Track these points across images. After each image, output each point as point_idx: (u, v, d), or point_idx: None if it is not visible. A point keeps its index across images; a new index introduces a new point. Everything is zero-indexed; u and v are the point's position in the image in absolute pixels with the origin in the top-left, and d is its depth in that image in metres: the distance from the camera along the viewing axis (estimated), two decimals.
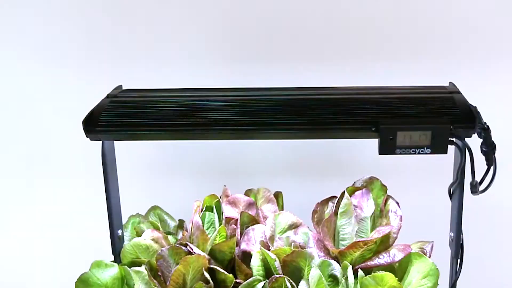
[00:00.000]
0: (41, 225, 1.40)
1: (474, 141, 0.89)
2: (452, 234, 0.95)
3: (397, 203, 1.03)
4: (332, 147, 1.31)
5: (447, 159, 0.97)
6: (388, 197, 1.04)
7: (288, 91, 0.96)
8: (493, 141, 0.89)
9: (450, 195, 0.95)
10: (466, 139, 0.87)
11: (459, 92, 0.93)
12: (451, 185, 0.93)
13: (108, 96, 0.96)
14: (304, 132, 0.89)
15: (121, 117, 0.91)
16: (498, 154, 0.91)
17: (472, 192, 0.92)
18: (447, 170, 0.98)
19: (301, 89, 0.98)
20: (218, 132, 0.89)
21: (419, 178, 1.30)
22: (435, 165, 1.23)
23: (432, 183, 1.23)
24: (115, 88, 1.01)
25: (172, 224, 1.13)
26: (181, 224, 1.12)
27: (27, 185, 1.38)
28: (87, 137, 0.91)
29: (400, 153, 0.86)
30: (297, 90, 0.97)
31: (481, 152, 0.90)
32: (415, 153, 0.86)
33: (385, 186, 1.05)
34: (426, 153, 0.86)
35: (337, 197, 1.05)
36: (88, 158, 1.30)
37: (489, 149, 0.89)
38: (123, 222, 1.07)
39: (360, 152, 1.30)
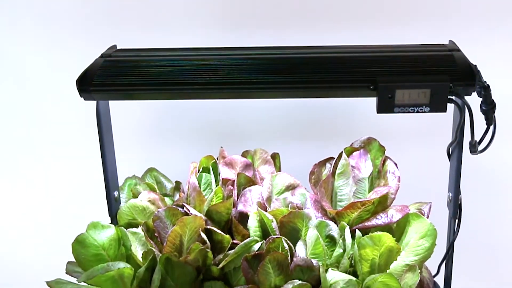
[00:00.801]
0: (38, 188, 1.40)
1: (474, 102, 0.88)
2: (450, 195, 0.94)
3: (395, 164, 1.03)
4: (330, 110, 1.29)
5: (446, 120, 0.96)
6: (386, 158, 1.04)
7: (285, 50, 0.95)
8: (493, 100, 0.88)
9: (449, 155, 0.94)
10: (466, 98, 0.86)
11: (459, 50, 0.91)
12: (450, 144, 0.92)
13: (102, 56, 0.95)
14: (301, 90, 0.87)
15: (115, 76, 0.89)
16: (497, 114, 0.90)
17: (471, 151, 0.91)
18: (446, 131, 0.97)
19: (298, 47, 0.96)
20: (213, 91, 0.88)
21: (417, 140, 1.29)
22: (433, 126, 1.22)
23: (431, 144, 1.22)
24: (109, 48, 0.99)
25: (169, 186, 1.12)
26: (177, 186, 1.11)
27: (22, 148, 1.37)
28: (81, 96, 0.90)
29: (399, 112, 0.85)
30: (294, 49, 0.96)
31: (481, 111, 0.89)
32: (413, 112, 0.84)
33: (383, 147, 1.04)
34: (425, 112, 0.84)
35: (334, 158, 1.05)
36: (84, 119, 1.29)
37: (488, 108, 0.88)
38: (120, 184, 1.06)
39: (359, 115, 1.29)
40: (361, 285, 0.89)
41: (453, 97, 0.85)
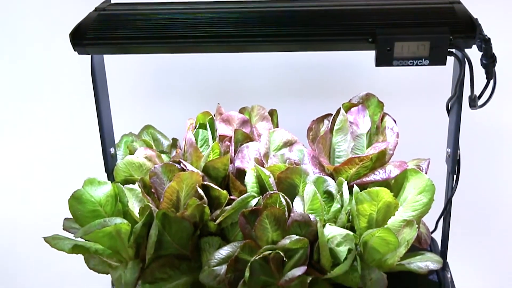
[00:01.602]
0: (34, 145, 1.39)
1: (474, 57, 0.87)
2: (449, 150, 0.94)
3: (394, 120, 1.02)
4: (329, 68, 1.28)
5: (446, 76, 0.95)
6: (385, 114, 1.03)
7: (283, 3, 0.93)
8: (493, 53, 0.86)
9: (448, 110, 0.93)
10: (466, 51, 0.85)
11: (459, 3, 0.89)
12: (449, 99, 0.91)
13: (96, 10, 0.93)
14: (298, 43, 0.86)
15: (109, 30, 0.87)
16: (497, 69, 0.89)
17: (470, 106, 0.90)
18: (445, 87, 0.96)
19: (296, 0, 0.94)
20: (209, 44, 0.86)
21: (416, 97, 1.28)
22: (433, 83, 1.21)
23: (430, 101, 1.21)
24: (103, 2, 0.97)
25: (166, 143, 1.12)
26: (174, 143, 1.11)
27: (15, 105, 1.36)
28: (75, 50, 0.88)
29: (398, 65, 0.83)
30: (292, 1, 0.94)
31: (481, 65, 0.87)
32: (413, 65, 0.83)
33: (381, 102, 1.03)
34: (424, 65, 0.83)
35: (332, 114, 1.04)
36: (79, 76, 1.27)
37: (489, 61, 0.86)
38: (116, 142, 1.05)
39: (357, 72, 1.28)
40: (359, 240, 0.89)
41: (453, 50, 0.84)
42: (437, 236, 1.03)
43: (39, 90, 1.34)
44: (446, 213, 0.96)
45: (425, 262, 0.90)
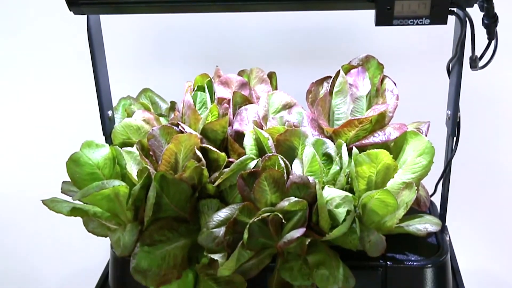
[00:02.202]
0: (31, 108, 1.38)
1: (475, 17, 0.85)
2: (449, 112, 0.93)
3: (394, 82, 1.01)
4: (328, 29, 1.26)
5: (446, 37, 0.94)
6: (385, 76, 1.02)
7: None
8: (495, 13, 0.85)
9: (449, 72, 0.92)
10: (467, 10, 0.83)
11: None
12: (450, 60, 0.90)
13: None
14: (297, 2, 0.84)
15: None
16: (499, 30, 0.87)
17: (471, 67, 0.89)
18: (446, 49, 0.95)
19: None
20: (206, 4, 0.84)
21: (417, 59, 1.26)
22: (433, 46, 1.20)
23: (430, 64, 1.19)
24: None
25: (164, 106, 1.11)
26: (173, 106, 1.10)
27: (12, 68, 1.35)
28: (70, 10, 0.87)
29: (398, 24, 0.82)
30: None
31: (483, 25, 0.86)
32: (413, 24, 0.82)
33: (381, 64, 1.02)
34: (425, 24, 0.82)
35: (332, 77, 1.03)
36: (76, 37, 1.25)
37: (491, 21, 0.85)
38: (114, 105, 1.05)
39: (357, 34, 1.26)
40: (357, 202, 0.88)
41: (454, 9, 0.82)
42: (436, 200, 1.03)
43: (35, 52, 1.32)
44: (445, 175, 0.96)
45: (424, 225, 0.90)
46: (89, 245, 1.27)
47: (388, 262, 0.88)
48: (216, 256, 0.84)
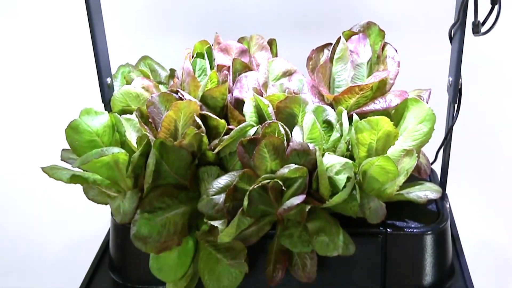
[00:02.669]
0: (29, 74, 1.37)
1: None
2: (451, 79, 0.92)
3: (395, 49, 0.99)
4: None
5: (448, 2, 0.92)
6: (386, 43, 1.00)
7: None
8: None
9: (451, 38, 0.91)
10: None
11: None
12: (452, 26, 0.89)
13: None
14: None
15: None
16: None
17: (474, 32, 0.87)
18: (448, 16, 0.93)
19: None
20: None
21: (418, 26, 1.25)
22: (435, 11, 1.18)
23: (432, 30, 1.18)
24: None
25: (163, 74, 1.10)
26: (172, 74, 1.09)
27: (11, 32, 1.34)
28: None
29: None
30: None
31: None
32: None
33: (383, 31, 1.00)
34: None
35: (332, 44, 1.01)
36: (74, 4, 1.24)
37: None
38: (113, 73, 1.04)
39: (358, 0, 1.25)
40: (358, 169, 0.88)
41: None
42: (437, 168, 1.03)
43: (33, 19, 1.31)
44: (446, 143, 0.95)
45: (424, 192, 0.90)
46: (89, 214, 1.27)
47: (388, 229, 0.88)
48: (216, 223, 0.84)
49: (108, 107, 0.99)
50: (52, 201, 1.50)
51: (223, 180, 0.87)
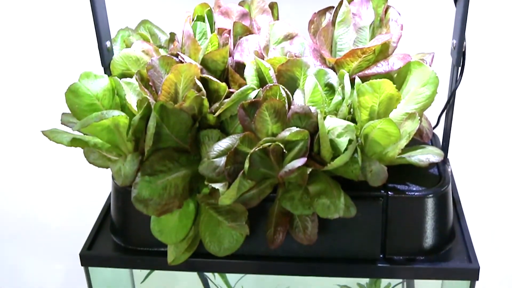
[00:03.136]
0: (28, 38, 1.36)
1: None
2: (455, 41, 0.91)
3: (398, 12, 0.98)
4: None
5: None
6: (389, 6, 0.99)
7: None
8: None
9: (455, 0, 0.89)
10: None
11: None
12: None
13: None
14: None
15: None
16: None
17: None
18: None
19: None
20: None
21: None
22: None
23: None
24: None
25: (163, 38, 1.08)
26: (172, 38, 1.07)
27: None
28: None
29: None
30: None
31: None
32: None
33: None
34: None
35: (334, 7, 1.00)
36: None
37: None
38: (112, 37, 1.02)
39: None
40: (359, 132, 0.87)
41: None
42: (439, 132, 1.02)
43: None
44: (449, 107, 0.95)
45: (426, 155, 0.89)
46: (89, 179, 1.27)
47: (389, 192, 0.88)
48: (217, 186, 0.83)
49: (107, 71, 0.98)
50: (52, 166, 1.50)
51: (224, 143, 0.86)
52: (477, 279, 0.89)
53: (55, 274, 1.40)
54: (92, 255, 0.95)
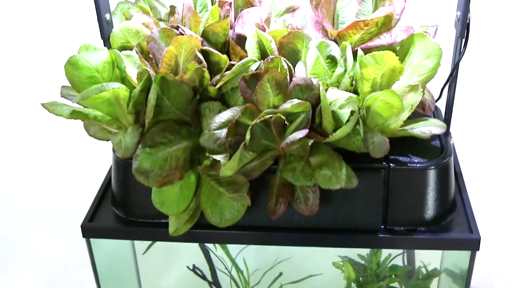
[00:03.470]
0: (28, 11, 1.35)
1: None
2: (459, 13, 0.90)
3: None
4: None
5: None
6: None
7: None
8: None
9: None
10: None
11: None
12: None
13: None
14: None
15: None
16: None
17: None
18: None
19: None
20: None
21: None
22: None
23: None
24: None
25: (163, 11, 1.07)
26: (172, 11, 1.06)
27: None
28: None
29: None
30: None
31: None
32: None
33: None
34: None
35: None
36: None
37: None
38: (112, 10, 1.01)
39: None
40: (361, 104, 0.87)
41: None
42: (441, 105, 1.02)
43: None
44: (452, 79, 0.94)
45: (429, 127, 0.89)
46: (90, 153, 1.27)
47: (391, 164, 0.88)
48: (218, 157, 0.83)
49: (107, 43, 0.98)
50: (54, 140, 1.49)
51: (225, 115, 0.86)
52: (478, 249, 0.89)
53: (56, 247, 1.41)
54: (93, 227, 0.95)
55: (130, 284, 1.09)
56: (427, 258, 0.99)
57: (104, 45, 0.97)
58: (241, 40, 0.96)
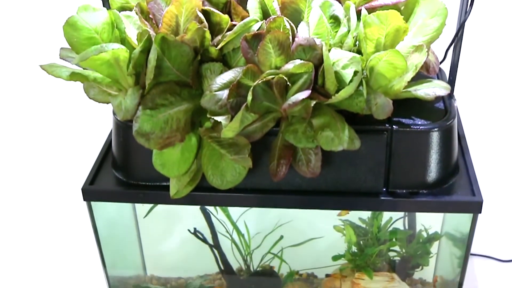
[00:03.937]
0: None
1: None
2: None
3: None
4: None
5: None
6: None
7: None
8: None
9: None
10: None
11: None
12: None
13: None
14: None
15: None
16: None
17: None
18: None
19: None
20: None
21: None
22: None
23: None
24: None
25: None
26: None
27: None
28: None
29: None
30: None
31: None
32: None
33: None
34: None
35: None
36: None
37: None
38: None
39: None
40: (365, 65, 0.86)
41: None
42: (445, 67, 1.00)
43: None
44: (457, 40, 0.92)
45: (433, 89, 0.88)
46: (89, 118, 1.26)
47: (394, 126, 0.87)
48: (219, 118, 0.82)
49: (106, 4, 0.96)
50: (53, 103, 1.48)
51: (227, 76, 0.85)
52: (480, 212, 0.89)
53: (56, 210, 1.41)
54: (94, 190, 0.95)
55: (131, 248, 1.09)
56: (428, 222, 0.99)
57: (103, 6, 0.96)
58: (242, 1, 0.94)
